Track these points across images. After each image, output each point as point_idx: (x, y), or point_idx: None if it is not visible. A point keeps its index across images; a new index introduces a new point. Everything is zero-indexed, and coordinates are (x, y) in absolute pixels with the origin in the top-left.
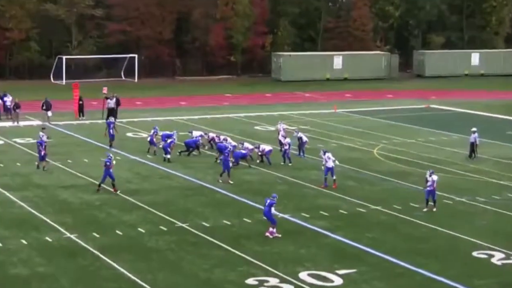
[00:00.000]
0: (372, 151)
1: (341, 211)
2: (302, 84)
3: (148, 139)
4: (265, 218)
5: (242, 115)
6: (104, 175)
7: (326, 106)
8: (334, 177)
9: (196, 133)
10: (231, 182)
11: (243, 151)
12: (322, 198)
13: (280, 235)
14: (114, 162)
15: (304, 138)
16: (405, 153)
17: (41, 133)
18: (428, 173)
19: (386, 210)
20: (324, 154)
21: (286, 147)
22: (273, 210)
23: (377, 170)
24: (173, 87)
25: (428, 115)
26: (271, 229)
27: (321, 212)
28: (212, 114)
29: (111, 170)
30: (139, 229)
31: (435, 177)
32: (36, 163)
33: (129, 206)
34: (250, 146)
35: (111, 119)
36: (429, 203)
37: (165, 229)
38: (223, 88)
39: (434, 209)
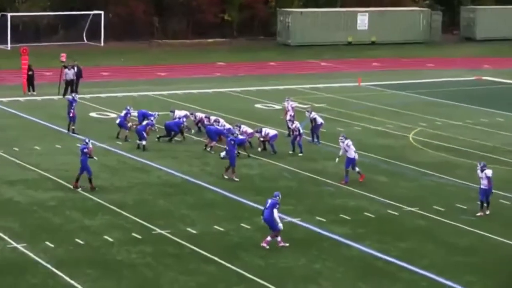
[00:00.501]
0: (407, 137)
1: (367, 214)
2: (316, 49)
3: (118, 120)
4: (264, 223)
5: (238, 89)
6: (83, 167)
7: (348, 79)
8: (357, 169)
9: (179, 113)
10: (237, 179)
11: (241, 136)
12: (343, 197)
13: (287, 244)
14: (91, 146)
15: (319, 120)
16: (449, 139)
17: None
18: (478, 166)
19: (425, 213)
20: (344, 141)
21: (296, 132)
22: (275, 213)
23: (413, 161)
24: (150, 53)
25: (480, 89)
26: (269, 237)
27: (342, 215)
28: (201, 88)
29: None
30: (105, 237)
31: (489, 172)
32: None
33: (93, 207)
34: (250, 130)
35: (71, 95)
36: (484, 205)
37: (139, 237)
38: (214, 54)
39: (487, 212)
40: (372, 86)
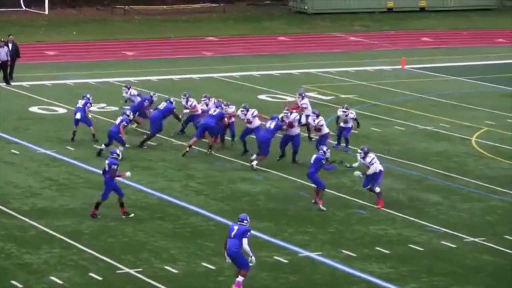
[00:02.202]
0: (469, 140)
1: (413, 246)
2: (343, 18)
3: (78, 115)
4: (229, 259)
5: (236, 74)
6: (108, 187)
7: (388, 58)
8: (378, 189)
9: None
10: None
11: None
12: (380, 224)
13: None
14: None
15: (350, 122)
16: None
17: None
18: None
19: (494, 246)
20: (365, 157)
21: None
22: (245, 243)
23: (477, 174)
24: (113, 25)
25: None
26: (240, 278)
27: (378, 248)
28: (184, 72)
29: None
30: (52, 278)
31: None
32: None
33: (35, 237)
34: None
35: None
36: None
37: (99, 278)
38: (202, 26)
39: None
40: (420, 70)
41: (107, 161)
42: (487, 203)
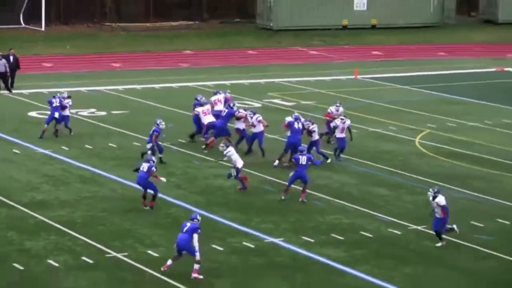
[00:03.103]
0: (413, 141)
1: (364, 233)
2: (305, 34)
3: (56, 114)
4: (181, 250)
5: (210, 83)
6: (149, 185)
7: (342, 70)
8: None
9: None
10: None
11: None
12: (335, 213)
13: (201, 277)
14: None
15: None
16: (464, 143)
17: None
18: (431, 193)
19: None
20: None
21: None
22: (195, 239)
23: (420, 171)
24: (102, 39)
25: (502, 83)
26: (196, 265)
27: (334, 235)
28: (164, 82)
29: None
30: (49, 261)
31: (441, 200)
32: None
33: (34, 226)
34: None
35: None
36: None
37: (90, 261)
38: (180, 41)
39: (440, 244)
40: (371, 80)
41: (147, 165)
42: (427, 196)
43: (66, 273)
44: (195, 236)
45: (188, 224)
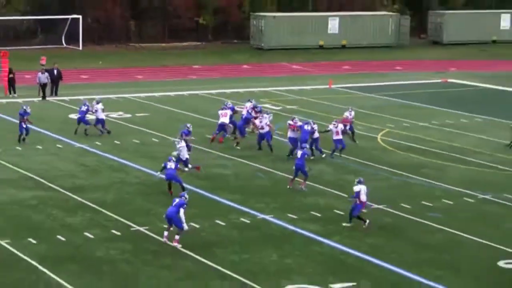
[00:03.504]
0: (376, 138)
1: (337, 211)
2: (289, 53)
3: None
4: (166, 220)
5: (214, 91)
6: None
7: (319, 81)
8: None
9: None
10: (304, 189)
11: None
12: (314, 196)
13: (180, 245)
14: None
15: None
16: (416, 140)
17: None
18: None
19: (393, 211)
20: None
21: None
22: (181, 212)
23: (382, 162)
24: (127, 56)
25: (445, 92)
26: (176, 236)
27: (312, 213)
28: (177, 90)
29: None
30: (86, 234)
31: (356, 188)
32: None
33: (73, 205)
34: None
35: (26, 108)
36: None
37: (118, 233)
38: (190, 58)
39: (347, 225)
40: (342, 89)
41: (173, 165)
42: (388, 181)
43: (99, 243)
44: (181, 210)
45: (177, 200)
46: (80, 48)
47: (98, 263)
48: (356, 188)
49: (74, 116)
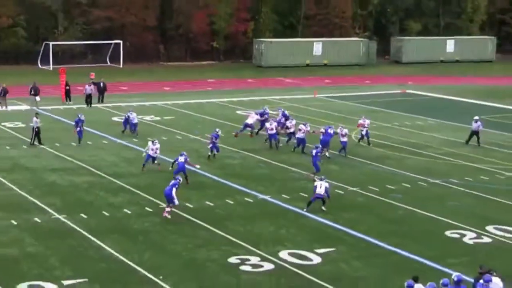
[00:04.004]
0: (350, 135)
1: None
2: (283, 69)
3: (135, 120)
4: (166, 197)
5: (225, 100)
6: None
7: (306, 91)
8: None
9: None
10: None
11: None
12: (304, 181)
13: (170, 217)
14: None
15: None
16: (382, 137)
17: (34, 118)
18: (318, 179)
19: (364, 192)
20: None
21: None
22: (174, 191)
23: (356, 154)
24: (158, 72)
25: (404, 100)
26: (167, 208)
27: (302, 194)
28: (196, 99)
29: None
30: (125, 210)
31: (319, 183)
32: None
33: (115, 188)
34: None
35: (81, 116)
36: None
37: (150, 210)
38: (206, 73)
39: (323, 208)
40: (324, 97)
41: (182, 158)
42: (361, 169)
43: (135, 217)
44: (174, 189)
45: (172, 181)
46: (121, 66)
47: (135, 233)
48: (315, 183)
49: (117, 119)
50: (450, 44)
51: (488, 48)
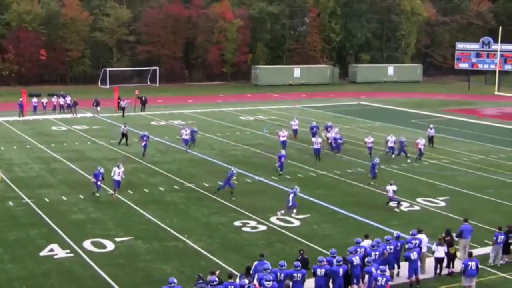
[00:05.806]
0: (321, 134)
1: (299, 175)
2: (272, 87)
3: (187, 137)
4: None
5: (231, 109)
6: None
7: (289, 103)
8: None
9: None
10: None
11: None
12: (288, 167)
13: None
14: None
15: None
16: (346, 137)
17: (122, 126)
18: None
19: (330, 175)
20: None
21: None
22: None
23: (325, 148)
24: (183, 90)
25: (359, 109)
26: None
27: (287, 176)
28: (210, 108)
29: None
30: (160, 188)
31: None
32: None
33: (153, 172)
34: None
35: (145, 132)
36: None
37: (177, 188)
38: (218, 90)
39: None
40: (302, 107)
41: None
42: (330, 159)
43: (167, 193)
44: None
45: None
46: (157, 85)
47: (167, 204)
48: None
49: (154, 123)
50: (391, 70)
51: (417, 72)
